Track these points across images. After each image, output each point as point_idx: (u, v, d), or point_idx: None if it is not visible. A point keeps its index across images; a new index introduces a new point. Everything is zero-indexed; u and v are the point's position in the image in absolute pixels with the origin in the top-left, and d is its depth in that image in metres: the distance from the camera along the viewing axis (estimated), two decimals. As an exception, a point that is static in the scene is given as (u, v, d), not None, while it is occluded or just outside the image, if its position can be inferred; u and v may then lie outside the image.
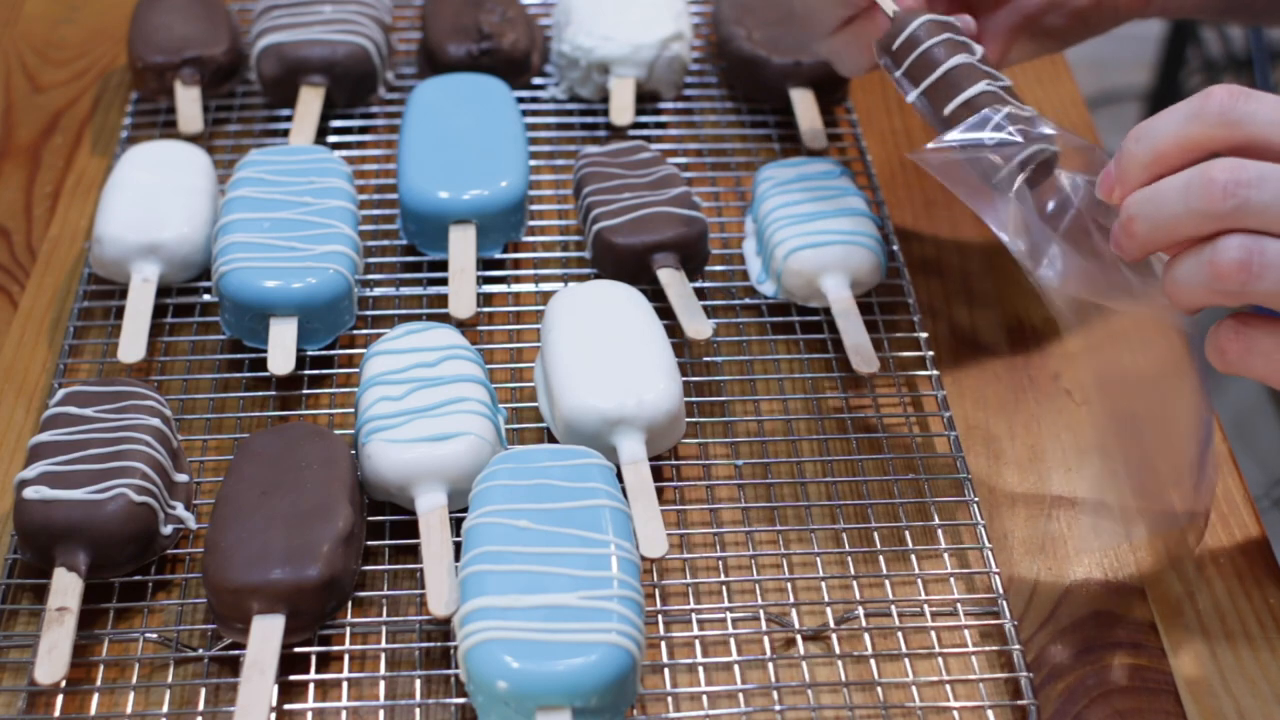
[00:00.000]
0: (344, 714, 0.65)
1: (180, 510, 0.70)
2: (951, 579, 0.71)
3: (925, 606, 0.70)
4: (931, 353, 0.81)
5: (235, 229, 0.80)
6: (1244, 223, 0.60)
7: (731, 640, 0.68)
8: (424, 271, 0.86)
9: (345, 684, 0.66)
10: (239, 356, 0.81)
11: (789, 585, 0.71)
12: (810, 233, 0.82)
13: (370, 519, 0.72)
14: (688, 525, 0.73)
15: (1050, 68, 1.03)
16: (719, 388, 0.80)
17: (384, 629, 0.68)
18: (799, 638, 0.69)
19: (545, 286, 0.85)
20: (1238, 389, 1.72)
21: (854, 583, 0.71)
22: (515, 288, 0.86)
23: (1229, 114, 0.61)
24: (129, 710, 0.65)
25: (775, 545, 0.72)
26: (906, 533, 0.73)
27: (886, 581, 0.71)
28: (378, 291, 0.85)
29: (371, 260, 0.87)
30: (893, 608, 0.70)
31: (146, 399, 0.72)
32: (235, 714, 0.62)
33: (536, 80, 0.99)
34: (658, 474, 0.73)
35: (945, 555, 0.72)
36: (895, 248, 0.87)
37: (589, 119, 0.97)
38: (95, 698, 0.66)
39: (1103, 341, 0.71)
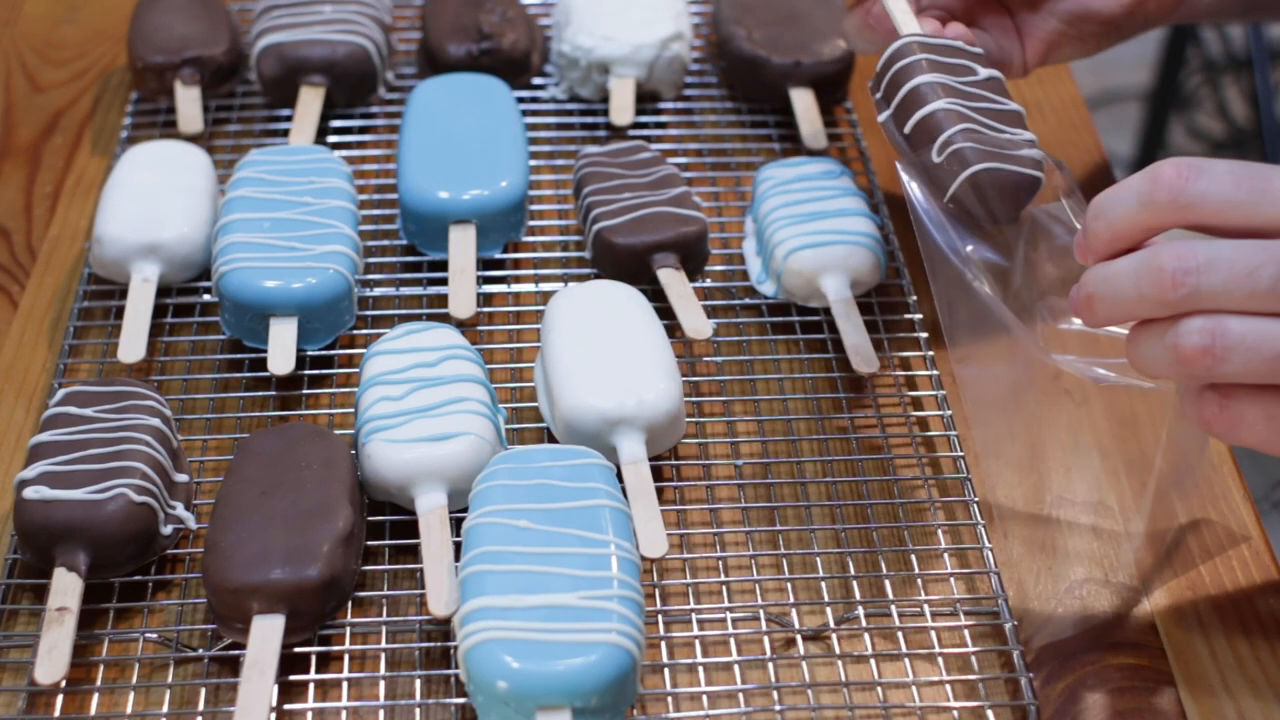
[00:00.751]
0: (344, 714, 0.65)
1: (180, 510, 0.70)
2: (951, 579, 0.71)
3: (925, 606, 0.70)
4: (931, 353, 0.81)
5: (235, 229, 0.80)
6: (1198, 306, 0.59)
7: (731, 640, 0.68)
8: (424, 271, 0.86)
9: (345, 684, 0.66)
10: (239, 356, 0.81)
11: (789, 585, 0.71)
12: (810, 233, 0.82)
13: (370, 519, 0.72)
14: (688, 525, 0.73)
15: (1050, 67, 1.03)
16: (719, 388, 0.80)
17: (384, 629, 0.68)
18: (799, 638, 0.69)
19: (545, 286, 0.85)
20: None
21: (854, 583, 0.71)
22: (515, 288, 0.86)
23: (1179, 198, 0.60)
24: (129, 710, 0.65)
25: (775, 545, 0.72)
26: (906, 533, 0.73)
27: (886, 581, 0.71)
28: (378, 291, 0.85)
29: (371, 260, 0.87)
30: (893, 608, 0.70)
31: (146, 399, 0.72)
32: (235, 714, 0.62)
33: (536, 80, 0.99)
34: (658, 474, 0.73)
35: (945, 555, 0.72)
36: (895, 248, 0.87)
37: (589, 119, 0.97)
38: (95, 698, 0.66)
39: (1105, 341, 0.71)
